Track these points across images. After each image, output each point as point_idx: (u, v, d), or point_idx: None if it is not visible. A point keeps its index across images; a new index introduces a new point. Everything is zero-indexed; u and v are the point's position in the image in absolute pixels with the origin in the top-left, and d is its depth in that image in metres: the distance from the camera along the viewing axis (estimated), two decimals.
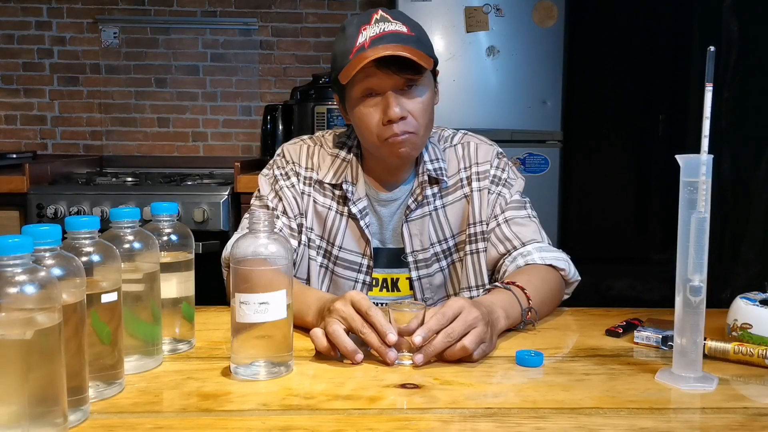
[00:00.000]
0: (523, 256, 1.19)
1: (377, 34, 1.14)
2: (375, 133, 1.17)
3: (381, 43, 1.12)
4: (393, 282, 1.27)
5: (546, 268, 1.17)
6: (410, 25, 1.17)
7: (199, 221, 2.25)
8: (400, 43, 1.12)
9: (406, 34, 1.15)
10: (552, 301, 1.17)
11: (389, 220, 1.27)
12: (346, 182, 1.25)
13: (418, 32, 1.18)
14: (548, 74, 2.59)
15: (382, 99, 1.15)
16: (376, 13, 1.17)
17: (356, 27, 1.16)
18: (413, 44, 1.14)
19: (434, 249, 1.26)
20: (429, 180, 1.26)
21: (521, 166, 2.58)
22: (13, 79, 3.06)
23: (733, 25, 2.84)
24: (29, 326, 0.63)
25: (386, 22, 1.16)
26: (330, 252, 1.26)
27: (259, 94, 3.12)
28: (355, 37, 1.15)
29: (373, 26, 1.15)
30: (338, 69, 1.16)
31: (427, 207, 1.26)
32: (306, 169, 1.28)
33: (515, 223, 1.24)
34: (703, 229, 0.82)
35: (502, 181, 1.28)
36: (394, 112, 1.13)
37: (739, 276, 2.84)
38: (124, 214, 0.87)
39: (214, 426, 0.72)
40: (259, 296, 0.84)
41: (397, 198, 1.27)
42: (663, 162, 4.06)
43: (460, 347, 0.89)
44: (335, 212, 1.26)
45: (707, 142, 0.81)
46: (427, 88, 1.18)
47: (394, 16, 1.17)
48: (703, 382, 0.83)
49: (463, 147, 1.30)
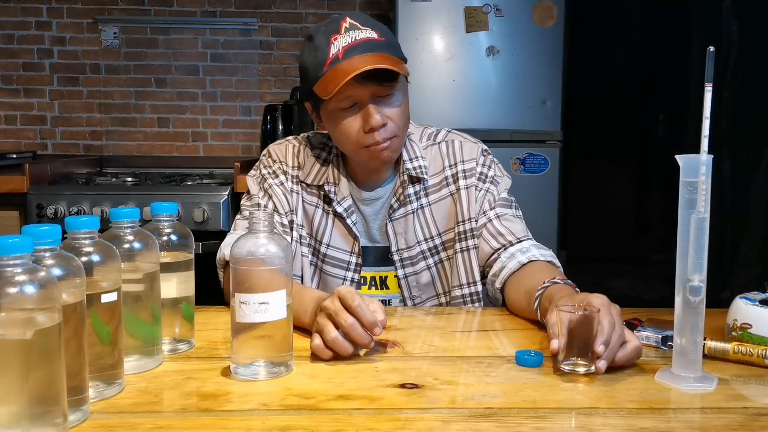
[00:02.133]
0: (522, 253, 1.19)
1: (349, 44, 1.12)
2: (354, 141, 1.17)
3: (355, 53, 1.11)
4: (382, 280, 1.27)
5: (547, 265, 1.18)
6: (379, 30, 1.16)
7: (199, 221, 2.25)
8: (374, 51, 1.12)
9: (377, 40, 1.14)
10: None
11: (374, 219, 1.28)
12: (327, 183, 1.26)
13: (388, 36, 1.17)
14: (548, 74, 2.59)
15: (361, 108, 1.15)
16: (345, 21, 1.15)
17: (325, 36, 1.14)
18: (386, 50, 1.13)
19: (420, 247, 1.26)
20: (410, 179, 1.26)
21: (521, 166, 2.58)
22: (13, 79, 3.06)
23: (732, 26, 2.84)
24: (29, 326, 0.63)
25: (356, 30, 1.14)
26: (318, 250, 1.27)
27: (259, 94, 3.12)
28: (326, 47, 1.13)
29: (344, 35, 1.13)
30: (312, 80, 1.15)
31: (410, 206, 1.27)
32: (293, 167, 1.29)
33: (506, 220, 1.25)
34: (703, 229, 0.82)
35: (489, 178, 1.28)
36: (375, 119, 1.13)
37: (739, 276, 2.84)
38: (124, 214, 0.87)
39: (214, 426, 0.72)
40: (259, 296, 0.84)
41: (380, 197, 1.28)
42: (663, 162, 4.07)
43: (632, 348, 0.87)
44: (322, 210, 1.27)
45: (707, 142, 0.81)
46: (402, 92, 1.19)
47: (362, 22, 1.16)
48: (703, 382, 0.83)
49: (447, 145, 1.30)
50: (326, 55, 1.13)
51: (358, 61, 1.10)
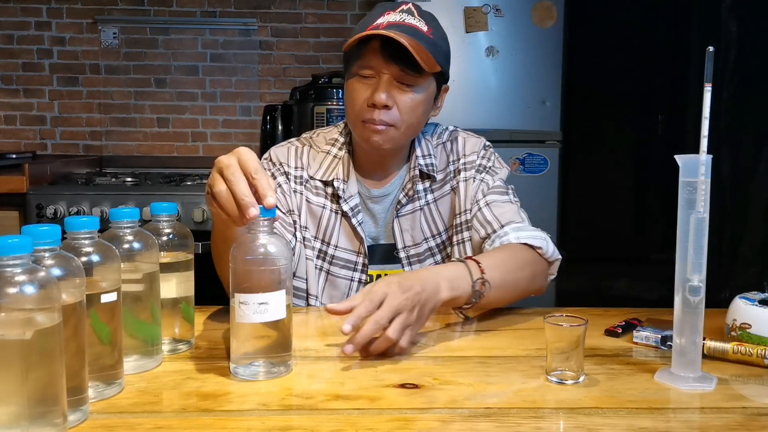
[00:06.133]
0: (499, 237, 1.18)
1: (396, 22, 1.14)
2: (356, 111, 1.17)
3: (396, 29, 1.12)
4: None
5: (520, 246, 1.14)
6: (434, 27, 1.17)
7: (198, 221, 2.25)
8: (414, 38, 1.12)
9: (424, 33, 1.14)
10: (521, 277, 1.12)
11: (382, 217, 1.27)
12: (337, 179, 1.25)
13: (438, 38, 1.17)
14: (547, 74, 2.59)
15: (376, 82, 1.15)
16: (406, 5, 1.18)
17: (381, 9, 1.18)
18: (426, 44, 1.13)
19: (428, 243, 1.26)
20: (420, 175, 1.26)
21: (520, 166, 2.58)
22: (12, 80, 3.06)
23: (732, 26, 2.84)
24: (29, 326, 0.63)
25: (411, 15, 1.16)
26: (326, 252, 1.26)
27: (259, 95, 3.12)
28: (378, 17, 1.16)
29: (398, 14, 1.16)
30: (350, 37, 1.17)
31: (418, 202, 1.27)
32: (295, 168, 1.28)
33: (496, 206, 1.23)
34: (702, 229, 0.82)
35: (486, 168, 1.28)
36: (380, 97, 1.13)
37: (738, 276, 2.84)
38: (124, 214, 0.87)
39: (213, 426, 0.72)
40: (258, 296, 0.84)
41: (388, 193, 1.27)
42: (662, 162, 4.07)
43: (383, 339, 0.88)
44: (330, 210, 1.27)
45: (706, 142, 0.81)
46: (424, 92, 1.18)
47: (420, 13, 1.17)
48: (702, 382, 0.83)
49: (451, 142, 1.31)
50: (372, 22, 1.15)
51: (389, 33, 1.10)
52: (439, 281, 0.97)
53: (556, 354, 0.85)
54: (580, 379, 0.84)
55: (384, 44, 1.11)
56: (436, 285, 0.96)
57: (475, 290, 1.02)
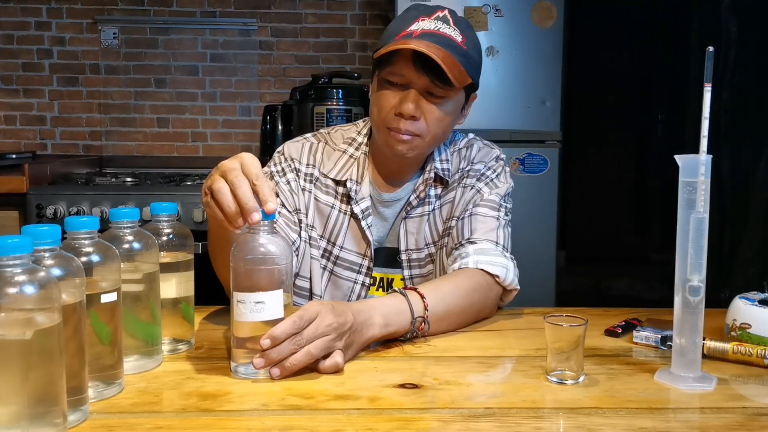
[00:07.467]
0: (461, 258, 1.14)
1: (430, 30, 1.11)
2: (383, 117, 1.16)
3: (429, 39, 1.10)
4: (388, 282, 1.27)
5: (474, 272, 1.10)
6: (468, 37, 1.14)
7: (198, 221, 2.25)
8: (448, 49, 1.10)
9: (458, 44, 1.12)
10: (469, 306, 1.08)
11: (390, 221, 1.27)
12: (350, 180, 1.24)
13: (471, 48, 1.15)
14: (547, 74, 2.59)
15: (405, 91, 1.14)
16: (441, 11, 1.15)
17: (416, 14, 1.15)
18: (459, 56, 1.11)
19: (429, 249, 1.25)
20: (435, 178, 1.25)
21: (520, 166, 2.58)
22: (12, 80, 3.06)
23: (731, 26, 2.84)
24: (29, 326, 0.63)
25: (446, 24, 1.13)
26: (330, 252, 1.26)
27: (259, 95, 3.12)
28: (411, 22, 1.14)
29: (432, 21, 1.13)
30: (383, 42, 1.15)
31: (428, 206, 1.25)
32: (307, 165, 1.27)
33: (476, 219, 1.19)
34: (702, 229, 0.82)
35: (487, 178, 1.25)
36: (408, 107, 1.12)
37: (738, 276, 2.84)
38: (124, 214, 0.87)
39: (213, 426, 0.72)
40: (254, 295, 0.84)
41: (400, 198, 1.26)
42: (662, 162, 4.06)
43: (304, 353, 0.83)
44: (338, 211, 1.25)
45: (706, 142, 0.81)
46: (453, 103, 1.16)
47: (456, 21, 1.15)
48: (702, 382, 0.83)
49: (466, 149, 1.29)
50: (406, 28, 1.13)
51: (422, 45, 1.08)
52: (372, 315, 0.94)
53: (556, 354, 0.85)
54: (580, 379, 0.85)
55: (416, 54, 1.09)
56: (368, 319, 0.93)
57: (414, 327, 0.99)
